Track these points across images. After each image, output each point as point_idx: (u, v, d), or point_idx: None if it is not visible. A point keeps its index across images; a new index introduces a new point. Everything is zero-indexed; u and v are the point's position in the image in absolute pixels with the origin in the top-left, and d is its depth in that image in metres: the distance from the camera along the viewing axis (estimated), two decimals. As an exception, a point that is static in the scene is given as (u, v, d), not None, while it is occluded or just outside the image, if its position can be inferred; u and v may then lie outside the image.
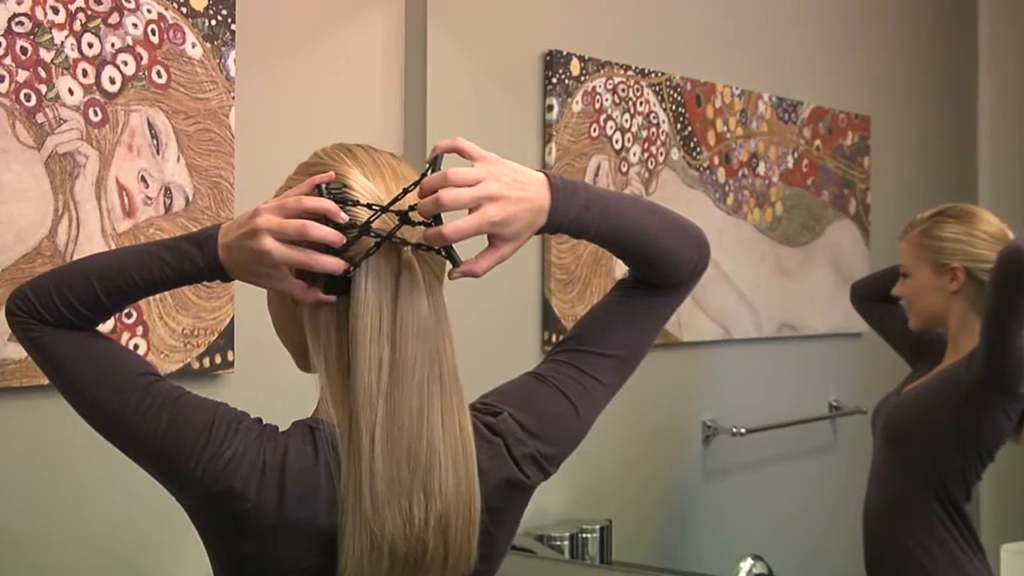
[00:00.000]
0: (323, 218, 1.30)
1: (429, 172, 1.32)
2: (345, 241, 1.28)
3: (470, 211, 1.32)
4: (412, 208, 1.30)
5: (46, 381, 1.99)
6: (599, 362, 1.48)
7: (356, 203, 1.30)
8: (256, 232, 1.29)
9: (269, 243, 1.29)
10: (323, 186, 1.31)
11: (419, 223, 1.31)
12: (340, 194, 1.31)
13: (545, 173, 1.39)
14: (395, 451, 1.30)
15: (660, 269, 1.48)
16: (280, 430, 1.35)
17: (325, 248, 1.30)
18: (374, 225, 1.30)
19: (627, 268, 1.52)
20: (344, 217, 1.28)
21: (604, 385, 1.49)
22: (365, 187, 1.33)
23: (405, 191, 1.31)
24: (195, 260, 1.35)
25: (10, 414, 2.08)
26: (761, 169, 3.45)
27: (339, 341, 1.33)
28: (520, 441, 1.41)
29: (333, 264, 1.29)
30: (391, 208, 1.30)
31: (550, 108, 2.94)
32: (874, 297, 2.71)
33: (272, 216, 1.29)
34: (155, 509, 1.72)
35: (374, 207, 1.30)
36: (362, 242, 1.30)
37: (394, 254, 1.33)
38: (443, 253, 1.33)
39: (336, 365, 1.33)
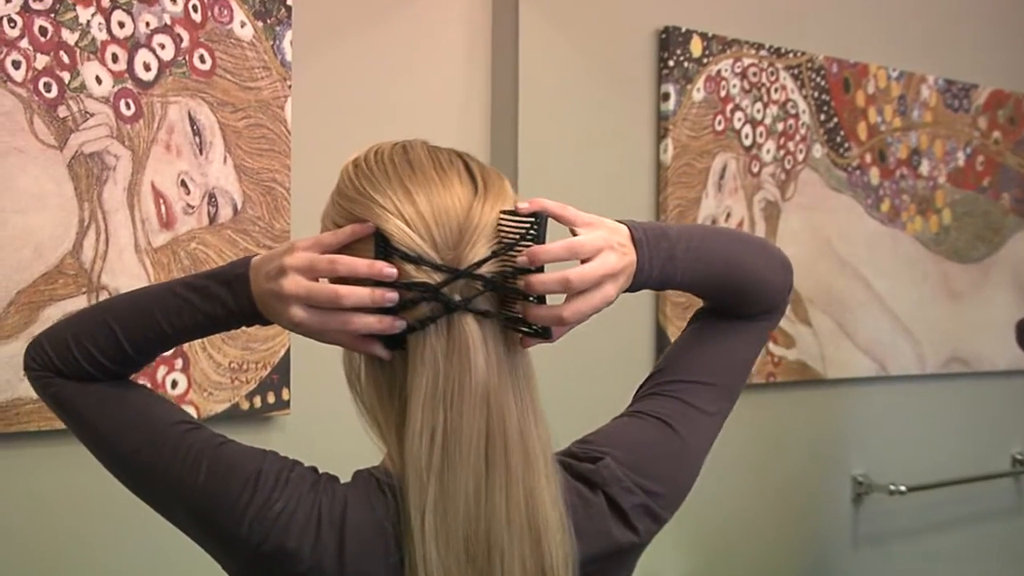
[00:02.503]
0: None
1: (531, 230, 1.33)
2: (397, 325, 1.32)
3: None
4: (483, 263, 1.32)
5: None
6: (699, 391, 1.52)
7: (406, 257, 1.31)
8: (283, 299, 1.33)
9: (299, 314, 1.33)
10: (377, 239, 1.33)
11: (494, 284, 1.33)
12: (385, 247, 1.32)
13: (627, 225, 1.42)
14: (451, 541, 1.32)
15: (753, 299, 1.55)
16: (341, 480, 1.37)
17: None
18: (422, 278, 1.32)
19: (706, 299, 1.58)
20: (388, 271, 1.30)
21: (710, 415, 1.53)
22: (407, 242, 1.32)
23: (495, 254, 1.32)
24: (227, 304, 1.38)
25: (25, 462, 2.11)
26: (924, 168, 3.41)
27: (390, 403, 1.37)
28: (627, 490, 1.43)
29: (386, 327, 1.32)
30: (462, 272, 1.31)
31: (666, 97, 2.94)
32: None
33: (302, 279, 1.32)
34: (184, 566, 1.73)
35: (427, 267, 1.31)
36: (418, 308, 1.32)
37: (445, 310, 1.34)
38: (535, 329, 1.35)
39: (389, 426, 1.37)
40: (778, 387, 3.14)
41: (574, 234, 1.37)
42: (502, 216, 1.34)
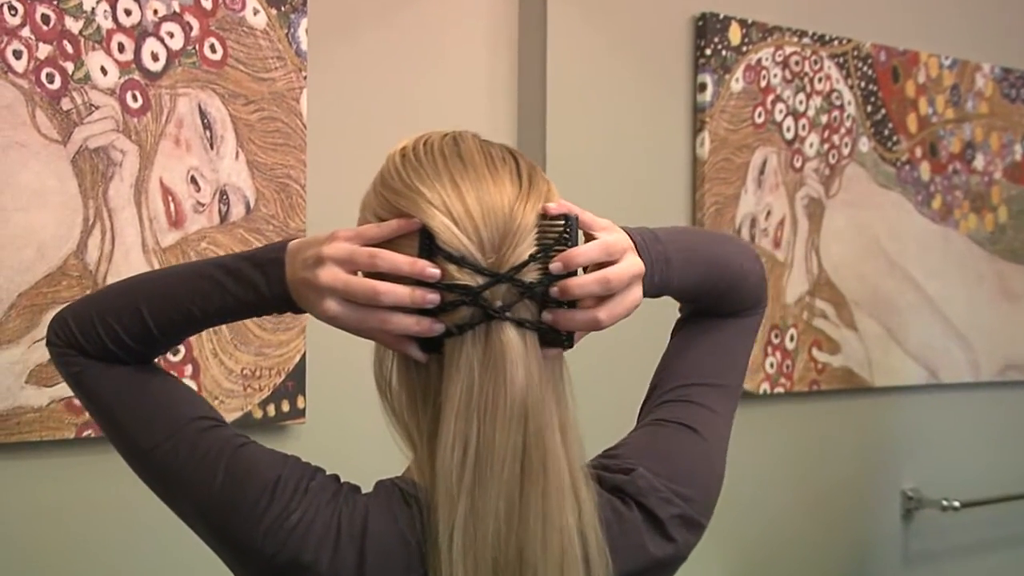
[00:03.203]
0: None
1: (565, 233, 1.34)
2: (436, 329, 1.31)
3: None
4: (522, 266, 1.32)
5: (70, 434, 2.05)
6: (708, 392, 1.54)
7: (450, 257, 1.31)
8: (318, 290, 1.33)
9: (334, 308, 1.33)
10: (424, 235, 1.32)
11: (534, 291, 1.33)
12: (430, 245, 1.32)
13: (627, 231, 1.43)
14: (479, 563, 1.32)
15: (740, 296, 1.59)
16: (362, 491, 1.37)
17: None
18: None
19: (681, 305, 1.62)
20: (430, 272, 1.30)
21: (721, 416, 1.54)
22: (454, 243, 1.32)
23: (533, 257, 1.32)
24: (260, 289, 1.39)
25: (27, 473, 2.13)
26: (979, 163, 3.40)
27: (423, 410, 1.37)
28: (665, 500, 1.43)
29: (424, 328, 1.32)
30: (503, 276, 1.31)
31: (702, 87, 2.94)
32: None
33: (340, 271, 1.33)
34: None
35: (468, 270, 1.31)
36: (458, 312, 1.32)
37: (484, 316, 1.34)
38: (561, 338, 1.36)
39: (420, 434, 1.37)
40: (822, 395, 3.13)
41: (593, 238, 1.37)
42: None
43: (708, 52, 2.93)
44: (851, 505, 3.17)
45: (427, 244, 1.30)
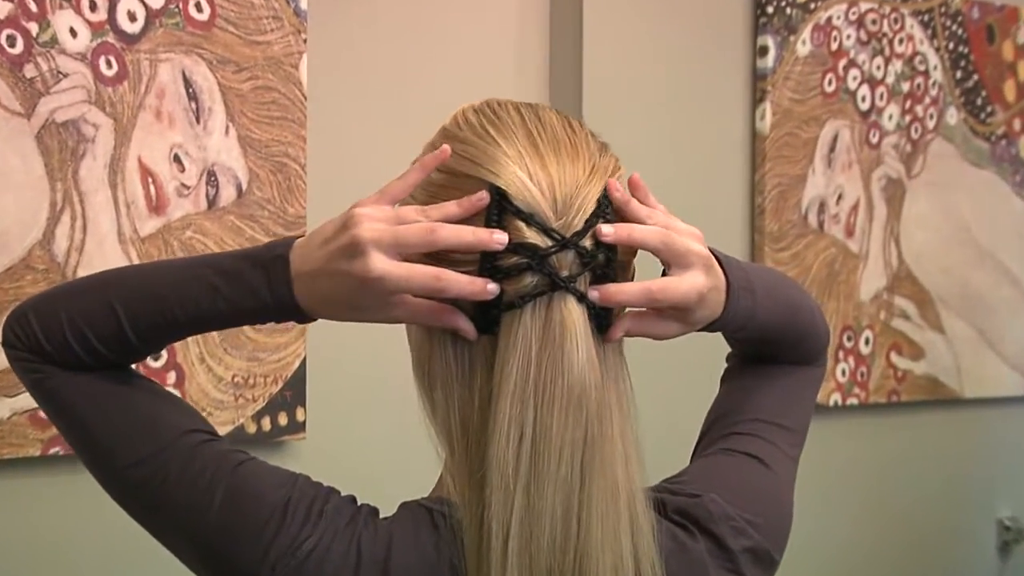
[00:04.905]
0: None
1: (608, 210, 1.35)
2: (497, 288, 1.30)
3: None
4: (584, 233, 1.32)
5: (35, 452, 2.05)
6: (777, 432, 1.55)
7: (516, 212, 1.31)
8: (359, 247, 1.28)
9: (380, 264, 1.28)
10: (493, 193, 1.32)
11: (598, 265, 1.33)
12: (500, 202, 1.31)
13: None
14: (534, 567, 1.30)
15: (807, 344, 1.61)
16: (381, 515, 1.35)
17: None
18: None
19: (730, 353, 1.64)
20: (502, 241, 1.29)
21: (787, 455, 1.54)
22: (524, 191, 1.32)
23: (588, 225, 1.32)
24: (259, 296, 1.34)
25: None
26: (1089, 138, 3.35)
27: (467, 397, 1.35)
28: (738, 531, 1.43)
29: (477, 288, 1.30)
30: (570, 241, 1.31)
31: (763, 51, 2.93)
32: None
33: (383, 224, 1.29)
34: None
35: (540, 232, 1.31)
36: (521, 278, 1.31)
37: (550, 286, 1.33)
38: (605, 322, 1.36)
39: (464, 430, 1.34)
40: (903, 407, 3.12)
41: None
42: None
43: (770, 10, 2.91)
44: (937, 536, 3.16)
45: (498, 204, 1.29)
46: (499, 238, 1.27)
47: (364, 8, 2.49)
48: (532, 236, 1.29)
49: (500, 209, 1.29)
